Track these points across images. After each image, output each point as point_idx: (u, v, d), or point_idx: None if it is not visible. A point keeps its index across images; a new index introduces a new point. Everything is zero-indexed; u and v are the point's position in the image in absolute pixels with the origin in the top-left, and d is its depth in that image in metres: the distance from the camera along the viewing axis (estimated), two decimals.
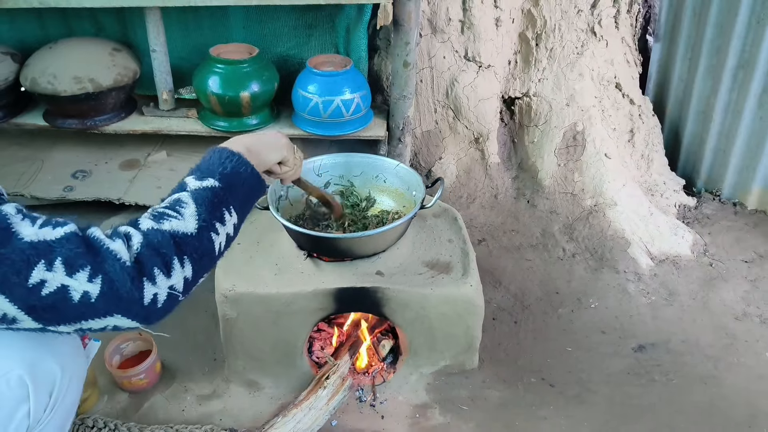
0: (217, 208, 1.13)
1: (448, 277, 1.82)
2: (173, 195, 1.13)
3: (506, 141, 2.69)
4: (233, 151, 1.22)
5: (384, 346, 1.98)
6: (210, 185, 1.14)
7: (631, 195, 2.52)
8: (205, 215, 1.10)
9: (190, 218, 1.08)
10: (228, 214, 1.15)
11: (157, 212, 1.09)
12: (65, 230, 1.00)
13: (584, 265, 2.39)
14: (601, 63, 2.61)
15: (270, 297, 1.77)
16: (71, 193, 2.40)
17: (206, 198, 1.12)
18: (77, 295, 0.96)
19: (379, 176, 2.04)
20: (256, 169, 1.24)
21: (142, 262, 1.01)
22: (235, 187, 1.18)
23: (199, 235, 1.09)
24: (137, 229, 1.06)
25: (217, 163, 1.19)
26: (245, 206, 1.23)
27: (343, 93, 2.34)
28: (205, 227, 1.10)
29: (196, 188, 1.13)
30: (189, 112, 2.51)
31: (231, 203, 1.16)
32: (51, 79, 2.29)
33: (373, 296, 1.78)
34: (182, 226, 1.07)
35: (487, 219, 2.56)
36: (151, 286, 1.01)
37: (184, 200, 1.11)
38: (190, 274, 1.07)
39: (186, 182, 1.16)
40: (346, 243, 1.77)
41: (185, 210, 1.09)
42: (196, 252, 1.08)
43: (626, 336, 2.14)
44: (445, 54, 2.54)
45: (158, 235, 1.04)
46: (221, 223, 1.13)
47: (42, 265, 0.94)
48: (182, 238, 1.06)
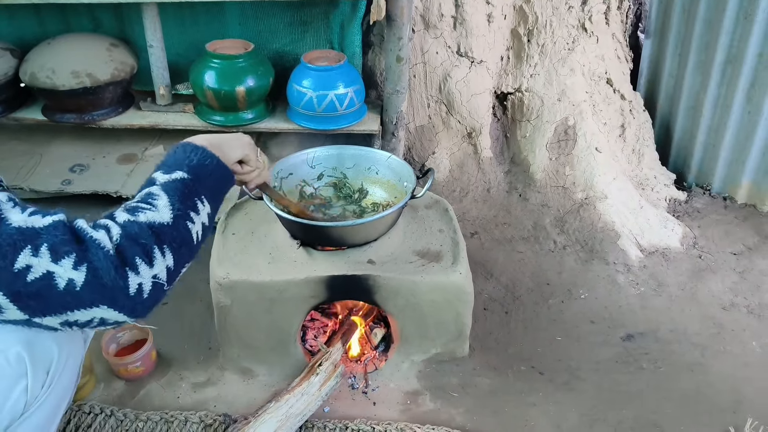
0: (189, 198, 1.14)
1: (438, 266, 1.85)
2: (143, 190, 1.14)
3: (499, 136, 2.73)
4: (197, 144, 1.24)
5: (376, 334, 2.01)
6: (179, 177, 1.15)
7: (622, 188, 2.55)
8: (178, 205, 1.11)
9: (164, 209, 1.09)
10: (200, 203, 1.16)
11: (130, 206, 1.10)
12: (53, 218, 1.01)
13: (575, 257, 2.42)
14: (592, 59, 2.65)
15: (264, 284, 1.80)
16: (69, 186, 2.43)
17: (177, 188, 1.13)
18: (62, 282, 0.97)
19: (372, 168, 2.07)
20: (221, 160, 1.25)
21: (123, 252, 1.02)
22: (204, 178, 1.20)
23: (175, 224, 1.10)
24: (114, 221, 1.06)
25: (182, 157, 1.20)
26: (216, 197, 1.24)
27: (337, 87, 2.38)
28: (180, 216, 1.11)
29: (165, 181, 1.14)
30: (186, 107, 2.55)
31: (202, 193, 1.17)
32: (50, 73, 2.33)
33: (364, 284, 1.81)
34: (157, 216, 1.08)
35: (480, 212, 2.60)
36: (134, 275, 1.02)
37: (156, 193, 1.12)
38: (172, 263, 1.08)
39: (154, 177, 1.17)
40: (338, 231, 1.80)
41: (158, 201, 1.10)
42: (174, 241, 1.09)
43: (615, 325, 2.17)
44: (438, 49, 2.58)
45: (135, 226, 1.05)
46: (195, 212, 1.14)
47: (28, 250, 0.95)
48: (159, 228, 1.07)
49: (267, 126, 2.51)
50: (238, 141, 1.41)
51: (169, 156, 1.22)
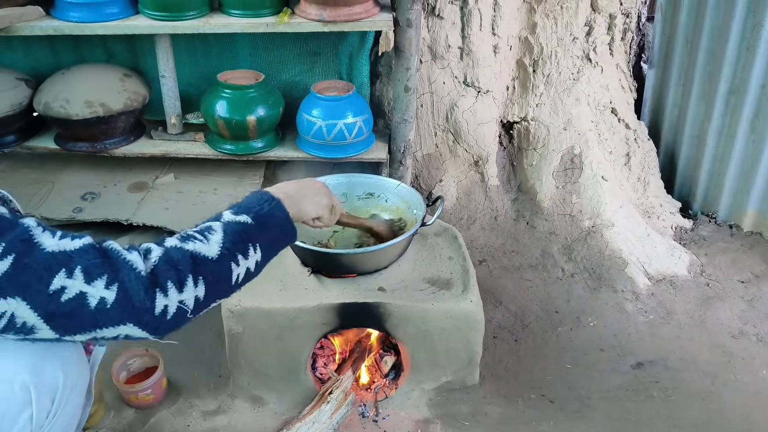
0: (244, 242, 1.18)
1: (448, 293, 1.86)
2: (207, 222, 1.20)
3: (505, 164, 2.76)
4: (273, 195, 1.29)
5: (386, 362, 2.01)
6: (243, 220, 1.20)
7: (628, 216, 2.57)
8: (229, 245, 1.15)
9: (214, 244, 1.14)
10: (252, 250, 1.20)
11: (186, 234, 1.15)
12: (83, 242, 1.06)
13: (583, 285, 2.43)
14: (597, 88, 2.69)
15: (275, 312, 1.81)
16: (80, 214, 2.45)
17: (235, 230, 1.18)
18: (94, 302, 1.01)
19: (381, 196, 2.09)
20: (290, 217, 1.30)
21: (157, 274, 1.06)
22: (267, 228, 1.24)
23: (219, 260, 1.13)
24: (160, 245, 1.11)
25: (255, 203, 1.25)
26: (272, 248, 1.27)
27: (346, 117, 2.41)
28: (227, 255, 1.14)
29: (229, 220, 1.19)
30: (196, 136, 2.58)
31: (258, 241, 1.21)
32: (64, 103, 2.37)
33: (375, 311, 1.82)
34: (205, 249, 1.12)
35: (488, 240, 2.61)
36: (162, 297, 1.05)
37: (214, 228, 1.17)
38: (202, 295, 1.11)
39: (222, 214, 1.22)
40: (348, 259, 1.82)
41: (212, 236, 1.15)
42: (212, 275, 1.12)
43: (625, 353, 2.17)
44: (445, 79, 2.62)
45: (178, 253, 1.10)
46: (244, 256, 1.17)
47: (63, 273, 1.00)
48: (202, 260, 1.11)
49: (277, 154, 2.54)
50: (319, 200, 1.47)
51: (245, 199, 1.27)
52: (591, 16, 2.62)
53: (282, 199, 1.29)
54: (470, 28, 2.54)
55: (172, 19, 2.30)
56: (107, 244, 1.08)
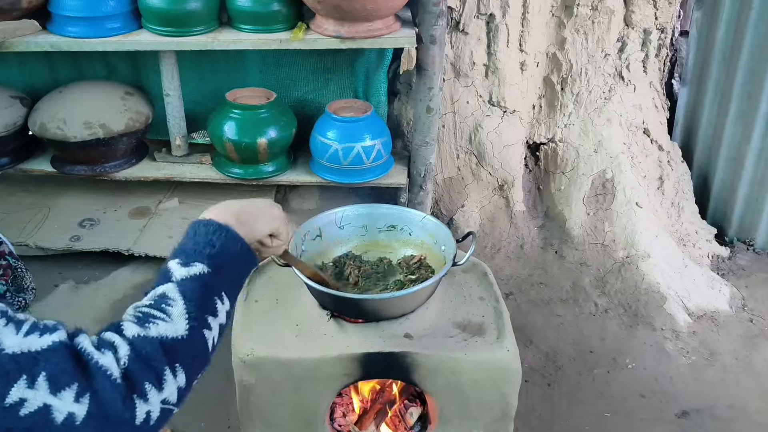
0: (209, 300, 1.00)
1: (481, 340, 1.69)
2: (158, 288, 1.00)
3: (531, 188, 2.59)
4: (220, 223, 1.08)
5: (412, 413, 1.84)
6: (198, 272, 1.02)
7: (665, 246, 2.41)
8: (195, 312, 0.97)
9: (178, 319, 0.96)
10: (220, 302, 1.02)
11: (141, 313, 0.96)
12: (53, 339, 0.87)
13: (618, 322, 2.26)
14: (629, 108, 2.53)
15: (292, 362, 1.64)
16: (78, 243, 2.29)
17: (195, 290, 1.00)
18: (60, 417, 0.82)
19: (404, 228, 1.92)
20: (246, 244, 1.11)
21: (132, 379, 0.89)
22: (226, 268, 1.06)
23: (190, 336, 0.96)
24: (122, 336, 0.93)
25: (203, 242, 1.06)
26: (236, 287, 1.10)
27: (364, 139, 2.25)
28: (196, 327, 0.97)
29: (182, 278, 1.00)
30: (203, 158, 2.42)
31: (222, 288, 1.03)
32: (61, 124, 2.21)
33: (401, 362, 1.65)
34: (171, 329, 0.95)
35: (514, 271, 2.44)
36: (142, 403, 0.88)
37: (171, 297, 0.98)
38: (183, 382, 0.95)
39: (170, 269, 1.02)
40: (373, 304, 1.65)
41: (173, 309, 0.97)
42: (188, 356, 0.95)
43: (668, 400, 2.00)
44: (469, 99, 2.46)
45: (146, 345, 0.92)
46: (213, 316, 1.00)
47: (23, 381, 0.82)
48: (172, 344, 0.94)
49: (288, 179, 2.38)
50: (270, 213, 1.25)
51: (188, 237, 1.07)
52: (624, 31, 2.46)
53: (231, 225, 1.09)
54: (497, 44, 2.38)
55: (177, 35, 2.14)
56: (78, 341, 0.89)
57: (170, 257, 1.04)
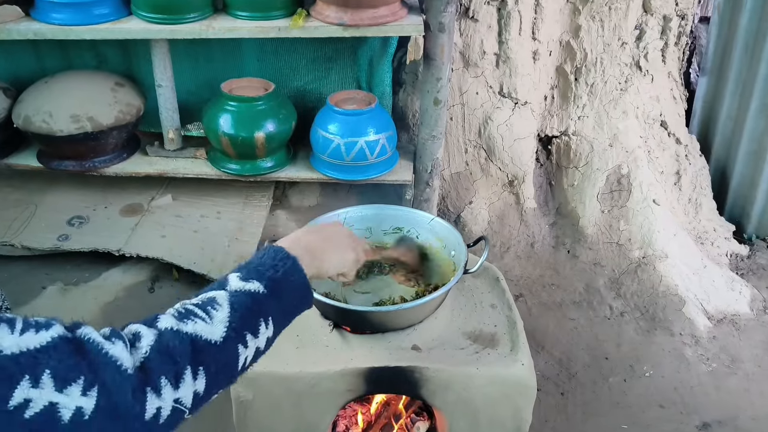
0: (254, 317, 0.96)
1: (494, 353, 1.58)
2: (210, 292, 0.97)
3: (543, 184, 2.47)
4: (290, 253, 1.05)
5: (419, 428, 1.74)
6: (254, 289, 0.98)
7: (683, 245, 2.29)
8: (236, 323, 0.93)
9: (218, 324, 0.92)
10: (264, 326, 0.97)
11: (185, 309, 0.93)
12: (51, 334, 0.80)
13: (634, 326, 2.15)
14: (647, 100, 2.40)
15: (292, 377, 1.53)
16: (66, 242, 2.17)
17: (244, 303, 0.95)
18: (68, 414, 0.77)
19: (411, 231, 1.81)
20: (308, 282, 1.06)
21: (149, 369, 0.83)
22: (281, 296, 1.01)
23: (224, 344, 0.91)
24: (153, 327, 0.89)
25: (268, 264, 1.02)
26: (285, 320, 1.04)
27: (368, 134, 2.13)
28: (234, 338, 0.92)
29: (236, 289, 0.97)
30: (197, 153, 2.30)
31: (271, 314, 0.98)
32: (46, 117, 2.08)
33: (409, 377, 1.54)
34: (207, 330, 0.90)
35: (524, 271, 2.33)
36: (155, 398, 0.83)
37: (219, 301, 0.95)
38: (202, 389, 0.88)
39: (228, 279, 0.99)
40: (379, 317, 1.54)
41: (217, 313, 0.93)
42: (214, 363, 0.90)
43: (688, 411, 1.90)
44: (478, 90, 2.33)
45: (175, 338, 0.88)
46: (253, 335, 0.95)
47: (26, 381, 0.76)
48: (203, 345, 0.89)
49: (288, 175, 2.25)
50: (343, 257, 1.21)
51: (255, 257, 1.05)
52: (642, 18, 2.33)
53: (299, 257, 1.05)
54: (508, 32, 2.24)
55: (169, 22, 2.01)
56: (82, 332, 0.82)
57: (233, 270, 1.01)
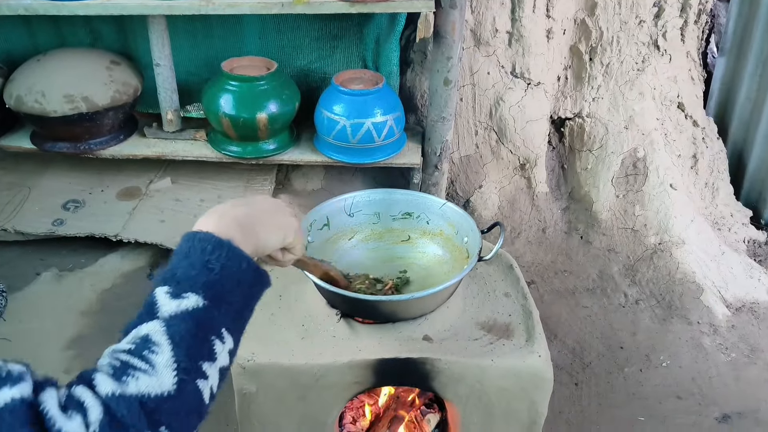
0: (203, 341, 0.80)
1: (509, 344, 1.51)
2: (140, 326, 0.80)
3: (555, 167, 2.39)
4: (221, 239, 0.85)
5: (429, 420, 1.67)
6: (191, 307, 0.80)
7: (701, 231, 2.21)
8: (186, 362, 0.77)
9: (164, 370, 0.76)
10: (219, 342, 0.81)
11: (119, 361, 0.77)
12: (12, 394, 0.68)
13: (650, 314, 2.08)
14: (664, 80, 2.31)
15: (297, 369, 1.46)
16: (61, 227, 2.10)
17: (186, 331, 0.79)
18: None
19: (421, 216, 1.72)
20: (253, 262, 0.87)
21: None
22: (227, 298, 0.84)
23: (179, 392, 0.76)
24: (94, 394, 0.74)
25: (199, 264, 0.83)
26: (241, 319, 0.87)
27: (375, 115, 2.04)
28: (187, 380, 0.77)
29: (170, 315, 0.79)
30: (197, 134, 2.21)
31: (222, 325, 0.82)
32: (39, 97, 2.00)
33: (420, 369, 1.47)
34: (154, 384, 0.75)
35: (535, 257, 2.25)
36: None
37: (155, 340, 0.78)
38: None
39: (156, 301, 0.81)
40: (389, 306, 1.46)
41: (157, 357, 0.76)
42: (175, 417, 0.76)
43: (707, 402, 1.83)
44: (490, 69, 2.23)
45: (121, 405, 0.73)
46: (210, 361, 0.79)
47: None
48: (156, 403, 0.74)
49: (291, 158, 2.17)
50: (280, 223, 0.99)
51: (179, 257, 0.85)
52: None
53: (233, 238, 0.85)
54: (522, 9, 2.15)
55: None
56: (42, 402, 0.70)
57: (158, 281, 0.82)
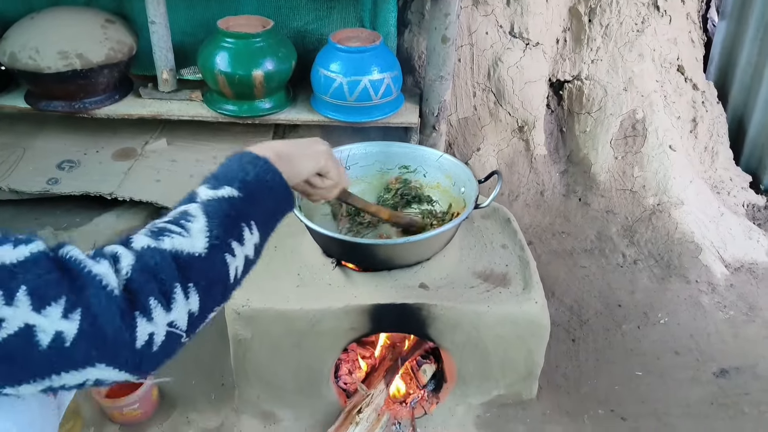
0: (235, 224, 0.87)
1: (506, 291, 1.51)
2: (179, 207, 0.88)
3: (553, 131, 2.37)
4: (258, 155, 0.96)
5: (425, 371, 1.67)
6: (226, 195, 0.88)
7: (699, 192, 2.20)
8: (218, 231, 0.84)
9: (198, 234, 0.82)
10: (248, 231, 0.88)
11: (156, 227, 0.84)
12: (30, 249, 0.72)
13: (648, 274, 2.07)
14: (664, 42, 2.29)
15: (292, 314, 1.46)
16: (56, 186, 2.08)
17: (221, 210, 0.86)
18: (46, 339, 0.68)
19: (418, 169, 1.72)
20: (284, 180, 0.97)
21: (135, 291, 0.75)
22: (259, 198, 0.92)
23: (209, 256, 0.82)
24: (128, 247, 0.79)
25: (237, 169, 0.93)
26: (269, 223, 0.95)
27: (372, 72, 2.03)
28: (218, 246, 0.83)
29: (208, 199, 0.87)
30: (193, 94, 2.20)
31: (252, 218, 0.89)
32: (33, 53, 1.98)
33: (416, 314, 1.47)
34: (188, 244, 0.81)
35: (533, 219, 2.24)
36: (146, 323, 0.74)
37: (192, 213, 0.85)
38: (196, 308, 0.80)
39: (196, 192, 0.90)
40: (385, 251, 1.45)
41: (192, 224, 0.83)
42: (204, 278, 0.81)
43: (705, 358, 1.82)
44: (488, 29, 2.22)
45: (156, 256, 0.78)
46: (239, 243, 0.86)
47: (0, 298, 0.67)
48: (187, 260, 0.80)
49: (288, 117, 2.16)
50: (315, 150, 1.11)
51: (221, 166, 0.95)
52: None
53: (269, 158, 0.96)
54: None
55: None
56: (65, 251, 0.75)
57: (199, 184, 0.92)
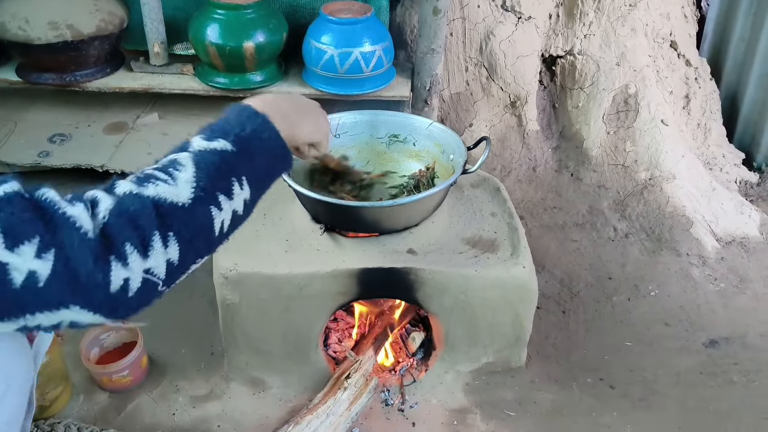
0: (224, 177, 0.86)
1: (494, 257, 1.51)
2: (171, 155, 0.87)
3: (546, 106, 2.37)
4: (258, 111, 0.94)
5: (414, 338, 1.67)
6: (219, 148, 0.87)
7: (691, 167, 2.20)
8: (205, 182, 0.83)
9: (184, 184, 0.82)
10: (238, 186, 0.87)
11: (144, 174, 0.83)
12: (5, 189, 0.73)
13: (639, 247, 2.07)
14: (656, 17, 2.29)
15: (280, 278, 1.46)
16: (47, 159, 2.08)
17: (211, 162, 0.85)
18: (20, 277, 0.70)
19: (408, 138, 1.71)
20: (283, 139, 0.95)
21: (110, 236, 0.75)
22: (253, 154, 0.91)
23: (193, 206, 0.82)
24: (110, 192, 0.80)
25: (234, 122, 0.92)
26: (263, 181, 0.94)
27: (363, 44, 2.02)
28: (203, 198, 0.82)
29: (200, 149, 0.86)
30: (184, 68, 2.19)
31: (243, 173, 0.88)
32: (22, 24, 1.97)
33: (404, 278, 1.47)
34: (171, 192, 0.80)
35: (525, 194, 2.24)
36: (120, 267, 0.75)
37: (182, 162, 0.84)
38: (176, 257, 0.81)
39: (190, 141, 0.89)
40: (374, 213, 1.45)
41: (180, 174, 0.82)
42: (185, 228, 0.81)
43: (694, 329, 1.83)
44: (480, 2, 2.21)
45: (135, 202, 0.78)
46: (227, 197, 0.85)
47: None
48: (169, 208, 0.80)
49: (279, 90, 2.15)
50: (316, 122, 1.11)
51: (219, 119, 0.93)
52: None
53: (269, 115, 0.94)
54: None
55: None
56: (41, 192, 0.76)
57: (195, 134, 0.91)
